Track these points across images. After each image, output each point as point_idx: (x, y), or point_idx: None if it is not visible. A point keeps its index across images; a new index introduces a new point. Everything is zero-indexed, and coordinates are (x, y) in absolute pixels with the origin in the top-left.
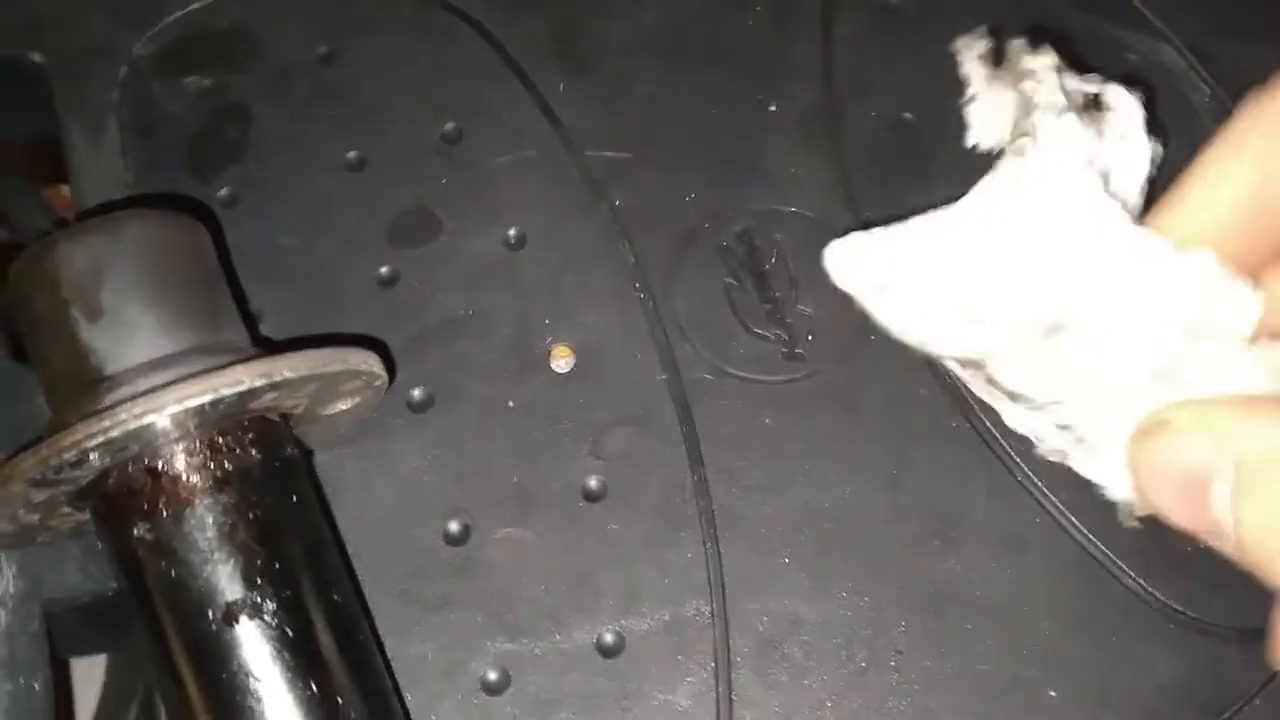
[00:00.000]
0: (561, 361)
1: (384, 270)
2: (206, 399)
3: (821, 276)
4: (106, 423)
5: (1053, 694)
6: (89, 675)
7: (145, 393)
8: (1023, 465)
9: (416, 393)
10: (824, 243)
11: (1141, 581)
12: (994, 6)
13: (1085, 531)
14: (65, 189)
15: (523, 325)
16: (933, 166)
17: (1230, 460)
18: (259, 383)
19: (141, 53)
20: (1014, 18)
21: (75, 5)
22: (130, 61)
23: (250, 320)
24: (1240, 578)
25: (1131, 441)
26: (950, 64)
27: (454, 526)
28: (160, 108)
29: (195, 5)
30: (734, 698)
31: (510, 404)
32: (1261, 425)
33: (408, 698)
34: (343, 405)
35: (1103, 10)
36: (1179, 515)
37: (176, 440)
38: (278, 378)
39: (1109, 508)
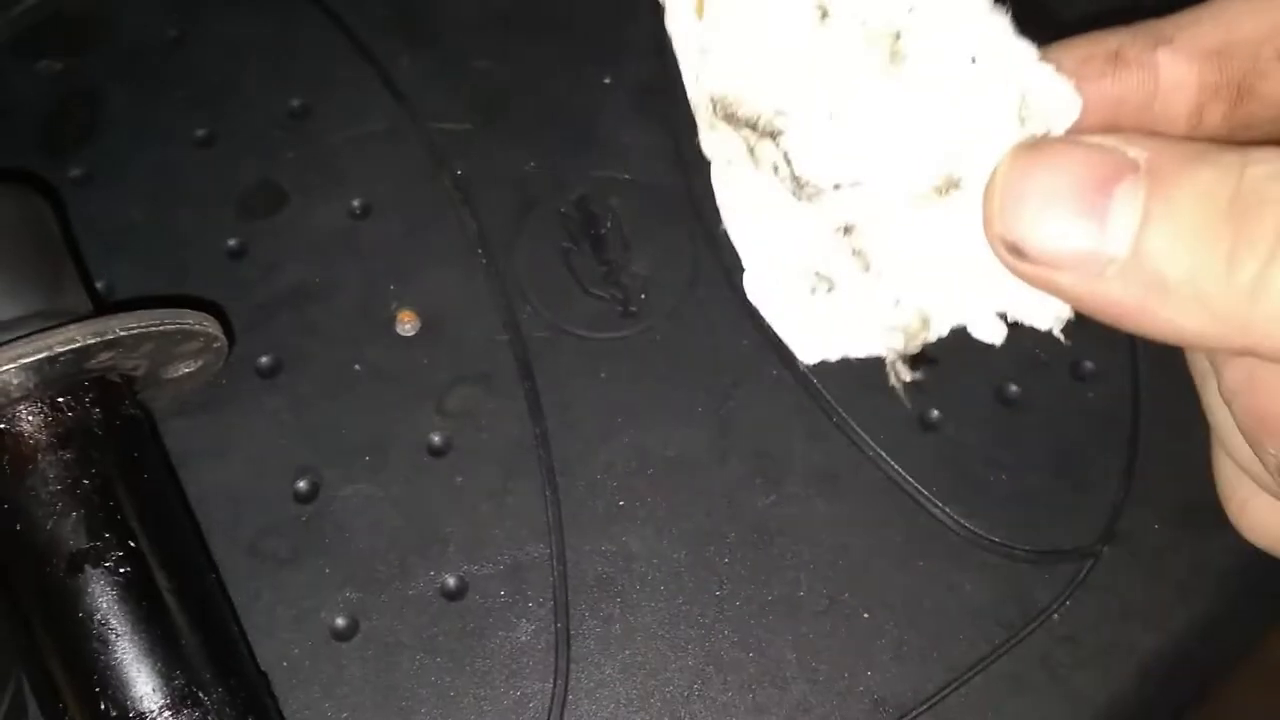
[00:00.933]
0: (406, 325)
1: (232, 242)
2: (41, 356)
3: (651, 239)
4: None
5: (866, 615)
6: None
7: None
8: (839, 409)
9: (265, 359)
10: (657, 207)
11: (947, 510)
12: None
13: (896, 467)
14: None
15: (368, 291)
16: None
17: (1141, 162)
18: (92, 340)
19: None
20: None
21: None
22: None
23: (93, 291)
24: (1034, 502)
25: (1015, 157)
26: None
27: (303, 485)
28: (14, 91)
29: None
30: (571, 631)
31: (357, 367)
32: (1167, 138)
33: (260, 648)
34: (185, 368)
35: None
36: (1060, 239)
37: (18, 400)
38: (110, 335)
39: (918, 442)
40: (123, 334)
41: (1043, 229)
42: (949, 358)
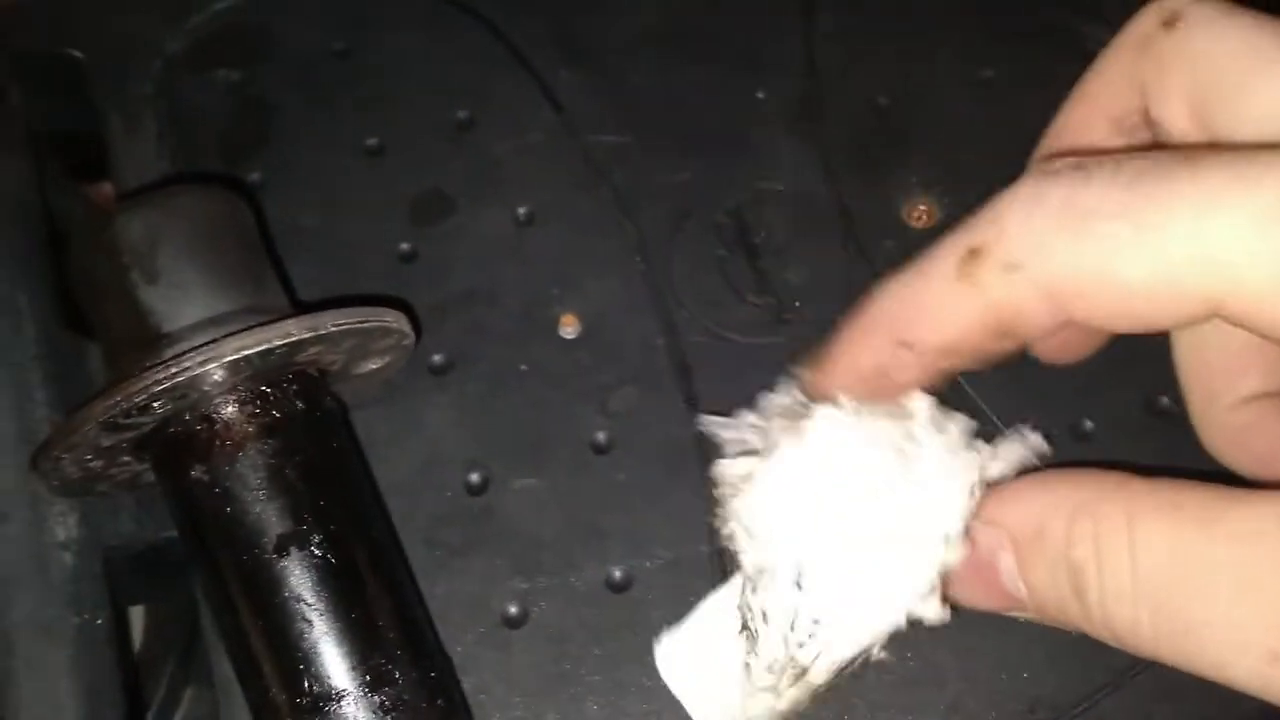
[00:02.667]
0: (569, 328)
1: (404, 247)
2: (260, 349)
3: (804, 248)
4: (173, 369)
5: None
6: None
7: (202, 345)
8: (993, 417)
9: (437, 358)
10: (808, 217)
11: None
12: (966, 8)
13: None
14: (105, 186)
15: (532, 296)
16: (905, 145)
17: (1005, 540)
18: (306, 335)
19: (174, 49)
20: (979, 19)
21: (111, 4)
22: (164, 57)
23: (289, 287)
24: None
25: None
26: (919, 52)
27: (474, 478)
28: (192, 100)
29: (222, 4)
30: None
31: (523, 367)
32: (1020, 502)
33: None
34: (374, 364)
35: (1066, 3)
36: (981, 599)
37: (230, 390)
38: (322, 331)
39: (1072, 452)
40: (334, 330)
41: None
42: (1100, 370)
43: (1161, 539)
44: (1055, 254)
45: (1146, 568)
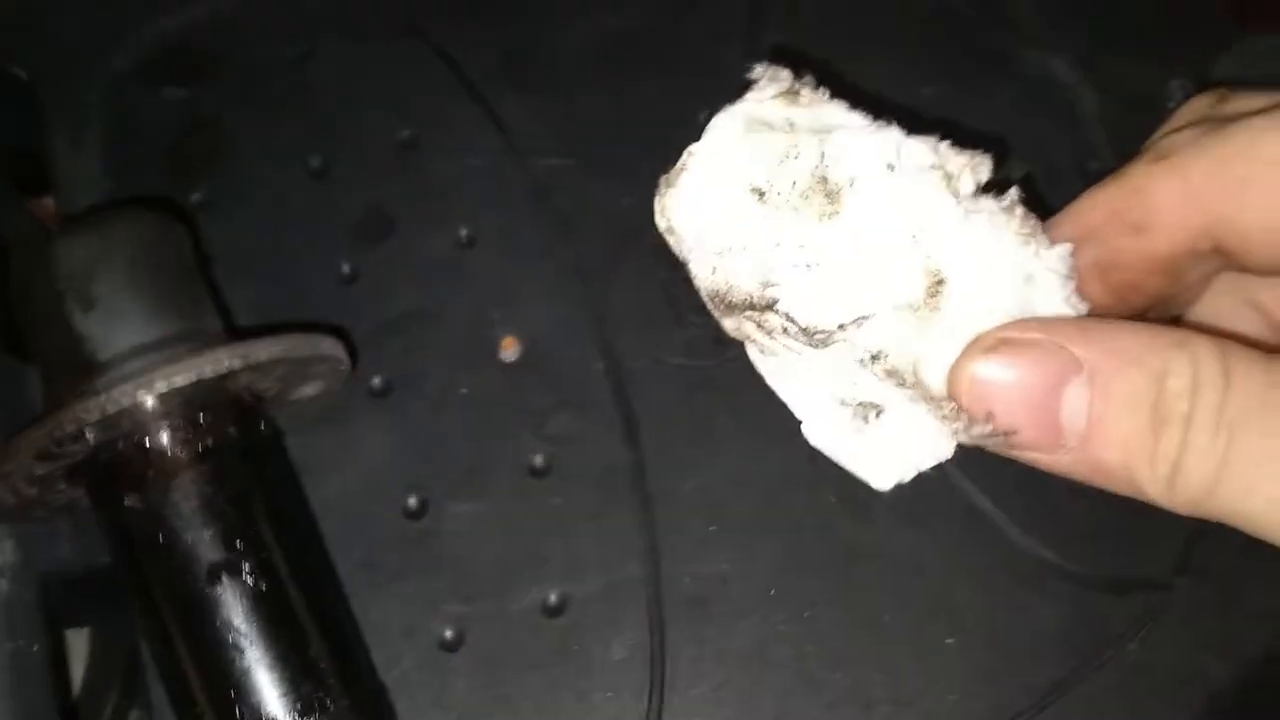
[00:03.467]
0: (509, 351)
1: (345, 268)
2: (191, 378)
3: None
4: (102, 399)
5: (949, 640)
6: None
7: (135, 374)
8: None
9: (377, 380)
10: None
11: (1026, 539)
12: (901, 35)
13: (978, 494)
14: (48, 201)
15: (473, 318)
16: None
17: (1085, 365)
18: (237, 364)
19: (121, 65)
20: (922, 40)
21: (57, 22)
22: (110, 74)
23: (225, 311)
24: (1112, 531)
25: (966, 359)
26: (862, 72)
27: (412, 502)
28: (139, 117)
29: (171, 21)
30: (666, 651)
31: (463, 390)
32: (1104, 332)
33: (372, 657)
34: (309, 389)
35: (1000, 27)
36: (1023, 427)
37: (163, 417)
38: (253, 360)
39: (1000, 474)
40: (265, 358)
41: (1005, 424)
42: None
43: (1258, 371)
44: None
45: (1240, 396)
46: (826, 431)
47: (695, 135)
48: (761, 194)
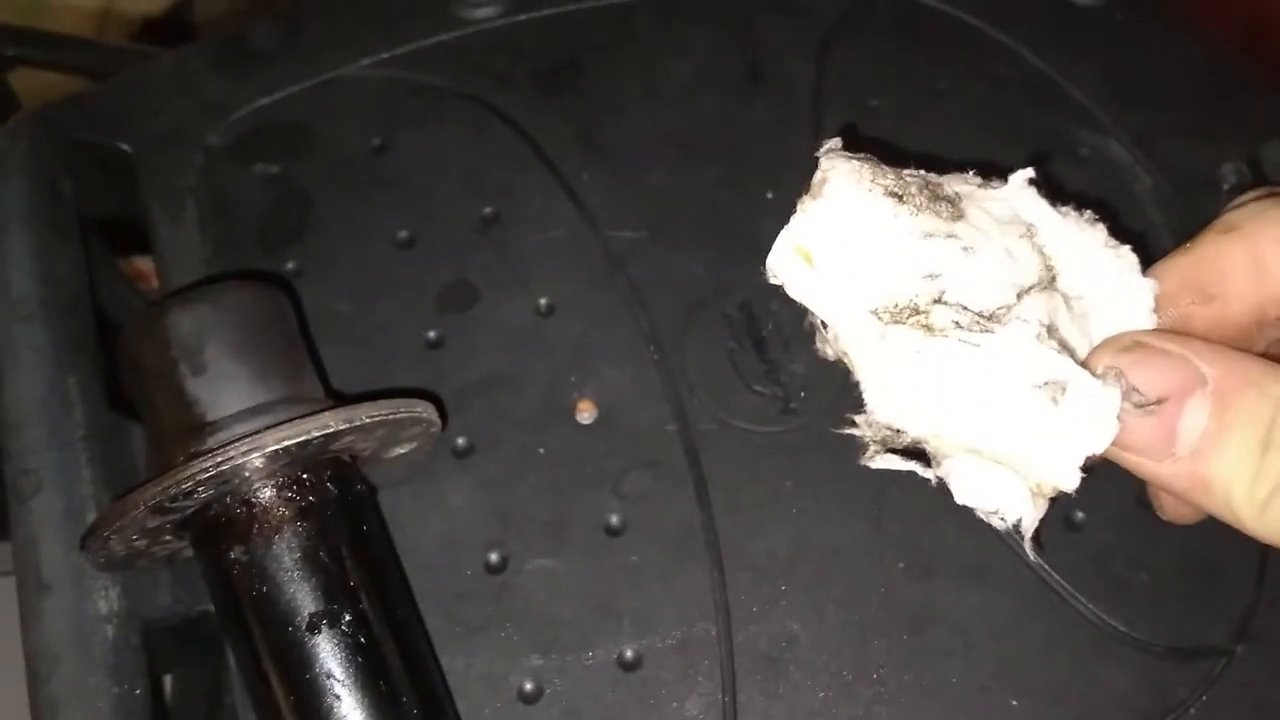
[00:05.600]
0: (585, 414)
1: (431, 335)
2: (299, 440)
3: (810, 341)
4: (219, 458)
5: (1014, 703)
6: None
7: (245, 435)
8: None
9: (460, 441)
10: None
11: (1090, 606)
12: (962, 118)
13: (1043, 564)
14: (141, 262)
15: (551, 383)
16: None
17: (1210, 380)
18: (342, 426)
19: (216, 142)
20: (981, 122)
21: (158, 100)
22: (206, 149)
23: (324, 374)
24: (1173, 598)
25: (1103, 355)
26: (923, 160)
27: (493, 557)
28: (232, 192)
29: (263, 101)
30: (738, 707)
31: (541, 451)
32: (1226, 354)
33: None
34: (402, 450)
35: (1057, 110)
36: (1143, 429)
37: (269, 476)
38: (357, 422)
39: (1064, 542)
40: (367, 421)
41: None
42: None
43: None
44: None
45: None
46: (1015, 424)
47: (761, 213)
48: (899, 197)
